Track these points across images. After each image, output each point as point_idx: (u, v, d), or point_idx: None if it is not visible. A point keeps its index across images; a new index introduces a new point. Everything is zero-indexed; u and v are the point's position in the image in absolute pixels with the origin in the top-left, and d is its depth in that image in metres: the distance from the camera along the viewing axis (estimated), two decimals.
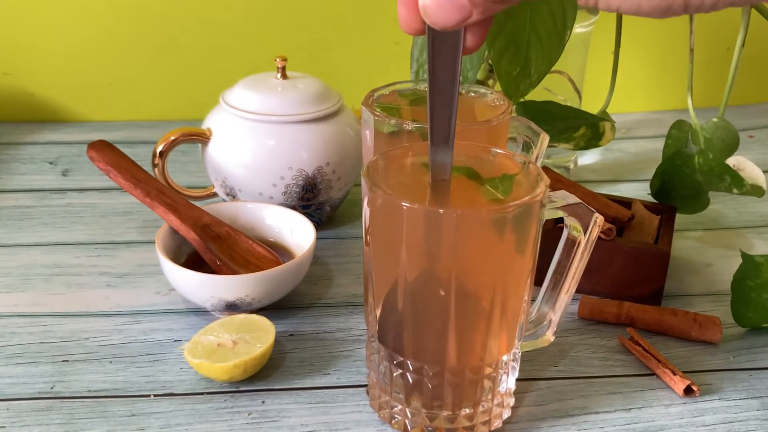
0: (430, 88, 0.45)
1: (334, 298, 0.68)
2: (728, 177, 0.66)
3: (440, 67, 0.44)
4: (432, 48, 0.44)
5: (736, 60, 0.70)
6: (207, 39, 0.99)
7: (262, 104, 0.72)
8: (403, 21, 0.43)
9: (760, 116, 1.05)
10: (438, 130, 0.46)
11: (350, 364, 0.60)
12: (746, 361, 0.61)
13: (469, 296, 0.49)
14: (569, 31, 0.68)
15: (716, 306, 0.67)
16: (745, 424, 0.55)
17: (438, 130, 0.46)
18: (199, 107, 0.81)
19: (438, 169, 0.48)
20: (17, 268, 0.70)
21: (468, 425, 0.53)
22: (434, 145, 0.47)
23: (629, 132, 1.00)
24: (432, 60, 0.44)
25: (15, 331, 0.62)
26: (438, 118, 0.46)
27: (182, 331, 0.63)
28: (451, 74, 0.44)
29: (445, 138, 0.47)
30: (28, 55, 0.98)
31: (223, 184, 0.74)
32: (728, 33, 0.96)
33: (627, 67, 0.85)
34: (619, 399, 0.57)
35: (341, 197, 0.76)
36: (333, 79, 0.80)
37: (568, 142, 0.76)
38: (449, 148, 0.47)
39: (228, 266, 0.65)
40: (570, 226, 0.53)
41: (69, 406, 0.55)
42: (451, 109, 0.46)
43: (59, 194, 0.83)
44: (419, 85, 0.64)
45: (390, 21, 0.98)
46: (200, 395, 0.57)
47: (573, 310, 0.65)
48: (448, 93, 0.45)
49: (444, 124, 0.46)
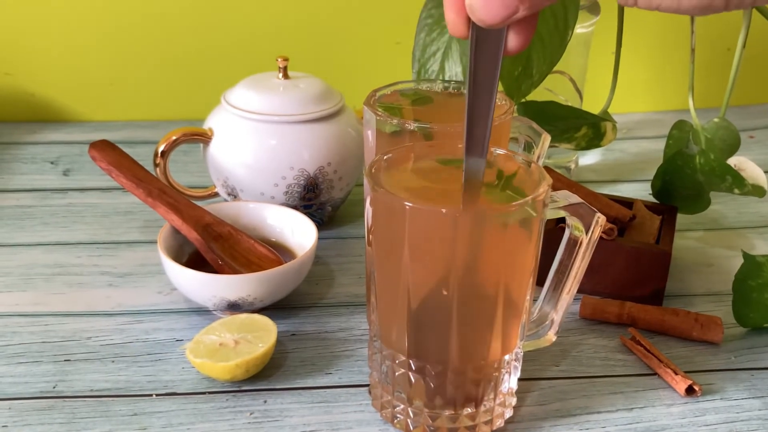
0: (469, 89, 0.44)
1: (336, 297, 0.68)
2: (729, 177, 0.66)
3: (481, 68, 0.44)
4: (474, 48, 0.43)
5: (738, 60, 0.71)
6: (208, 39, 0.99)
7: (263, 104, 0.72)
8: (451, 24, 0.43)
9: (761, 116, 1.05)
10: (476, 133, 0.45)
11: (352, 364, 0.60)
12: (748, 361, 0.61)
13: (472, 296, 0.49)
14: (571, 31, 0.68)
15: (717, 306, 0.67)
16: (747, 423, 0.55)
17: (476, 133, 0.45)
18: (201, 107, 0.81)
19: (472, 173, 0.47)
20: (18, 267, 0.70)
21: (470, 425, 0.53)
22: (469, 151, 0.46)
23: (630, 132, 1.00)
24: (474, 60, 0.43)
25: (16, 331, 0.62)
26: (476, 120, 0.45)
27: (184, 330, 0.63)
28: (491, 76, 0.44)
29: (481, 142, 0.46)
30: (29, 55, 0.98)
31: (225, 184, 0.74)
32: (729, 33, 0.97)
33: (628, 68, 0.85)
34: (620, 399, 0.57)
35: (343, 197, 0.76)
36: (334, 78, 0.80)
37: (570, 142, 0.76)
38: (484, 153, 0.46)
39: (230, 266, 0.65)
40: (572, 226, 0.53)
41: (71, 405, 0.55)
42: (489, 110, 0.45)
43: (60, 194, 0.83)
44: (421, 84, 0.64)
45: (391, 21, 0.98)
46: (202, 395, 0.57)
47: (575, 310, 0.65)
48: (488, 95, 0.44)
49: (482, 127, 0.45)
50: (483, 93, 0.44)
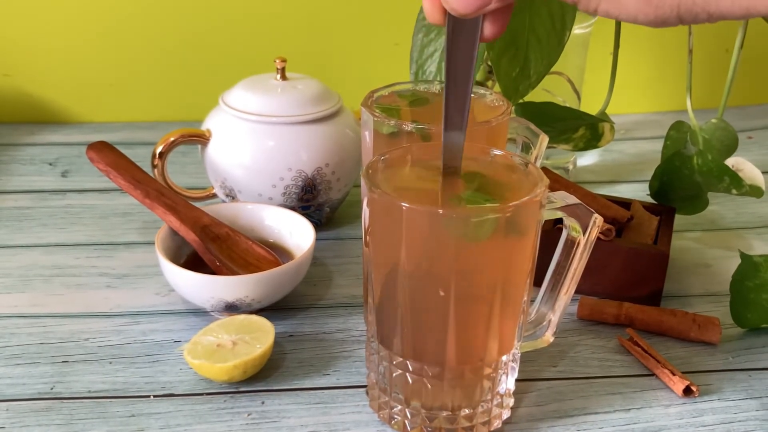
0: (446, 74, 0.46)
1: (334, 298, 0.68)
2: (727, 178, 0.67)
3: (457, 54, 0.46)
4: (451, 36, 0.45)
5: (735, 61, 0.71)
6: (206, 40, 0.99)
7: (261, 105, 0.72)
8: (428, 12, 0.45)
9: (758, 117, 1.05)
10: (453, 113, 0.47)
11: (350, 365, 0.60)
12: (745, 362, 0.61)
13: (469, 297, 0.49)
14: (568, 32, 0.68)
15: (715, 306, 0.67)
16: (744, 424, 0.55)
17: (453, 113, 0.47)
18: (199, 108, 0.82)
19: (450, 152, 0.49)
20: (17, 269, 0.70)
21: (467, 426, 0.53)
22: (448, 129, 0.48)
23: (628, 133, 1.00)
24: (450, 47, 0.46)
25: (15, 332, 0.62)
26: (453, 101, 0.47)
27: (182, 331, 0.63)
28: (468, 61, 0.46)
29: (459, 121, 0.48)
30: (28, 57, 0.98)
31: (223, 185, 0.74)
32: (727, 34, 0.97)
33: (626, 68, 0.85)
34: (618, 399, 0.57)
35: (341, 198, 0.76)
36: (332, 80, 0.80)
37: (568, 143, 0.76)
38: (462, 133, 0.48)
39: (227, 267, 0.65)
40: (569, 227, 0.53)
41: (69, 406, 0.55)
42: (466, 93, 0.47)
43: (59, 195, 0.83)
44: (419, 86, 0.64)
45: (390, 22, 0.98)
46: (200, 396, 0.57)
47: (572, 310, 0.66)
48: (464, 78, 0.46)
49: (459, 109, 0.47)
50: (460, 79, 0.46)
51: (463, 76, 0.46)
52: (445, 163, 0.49)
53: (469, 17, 0.44)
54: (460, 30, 0.45)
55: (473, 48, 0.45)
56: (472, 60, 0.46)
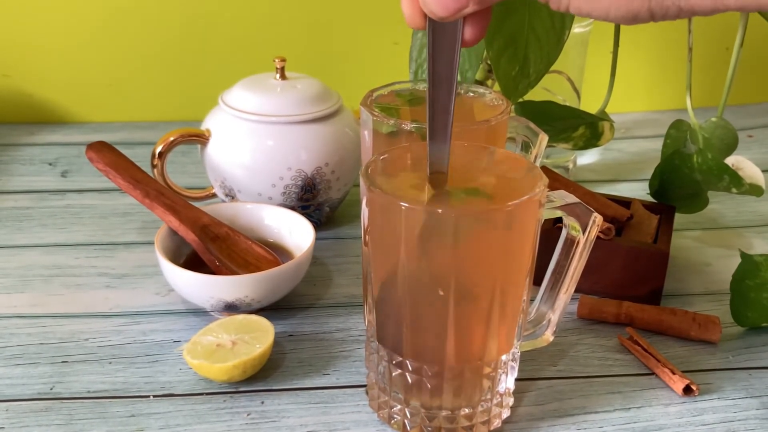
0: (429, 80, 0.46)
1: (333, 298, 0.68)
2: (727, 176, 0.66)
3: (440, 59, 0.46)
4: (432, 40, 0.45)
5: (735, 60, 0.71)
6: (206, 40, 0.99)
7: (261, 105, 0.72)
8: (407, 16, 0.45)
9: (759, 116, 1.05)
10: (437, 121, 0.47)
11: (349, 365, 0.60)
12: (745, 361, 0.61)
13: (468, 296, 0.49)
14: (568, 30, 0.68)
15: (715, 305, 0.67)
16: (744, 423, 0.55)
17: (437, 121, 0.47)
18: (198, 108, 0.82)
19: (436, 160, 0.49)
20: (17, 269, 0.70)
21: (467, 425, 0.53)
22: (432, 137, 0.48)
23: (628, 132, 1.00)
24: (432, 52, 0.46)
25: (14, 332, 0.62)
26: (437, 109, 0.47)
27: (181, 331, 0.63)
28: (449, 66, 0.46)
29: (443, 129, 0.48)
30: (27, 57, 0.98)
31: (222, 185, 0.74)
32: (727, 33, 0.97)
33: (626, 67, 0.85)
34: (618, 398, 0.57)
35: (340, 198, 0.76)
36: (332, 79, 0.80)
37: (567, 141, 0.76)
38: (447, 140, 0.48)
39: (227, 267, 0.65)
40: (569, 226, 0.53)
41: (68, 406, 0.55)
42: (450, 100, 0.47)
43: (58, 195, 0.83)
44: (418, 85, 0.64)
45: (389, 21, 0.98)
46: (199, 396, 0.57)
47: (572, 309, 0.65)
48: (447, 84, 0.46)
49: (442, 115, 0.47)
50: (443, 83, 0.46)
51: (446, 81, 0.46)
52: (432, 170, 0.49)
53: (447, 20, 0.44)
54: (441, 34, 0.45)
55: (455, 53, 0.46)
56: (454, 65, 0.46)
